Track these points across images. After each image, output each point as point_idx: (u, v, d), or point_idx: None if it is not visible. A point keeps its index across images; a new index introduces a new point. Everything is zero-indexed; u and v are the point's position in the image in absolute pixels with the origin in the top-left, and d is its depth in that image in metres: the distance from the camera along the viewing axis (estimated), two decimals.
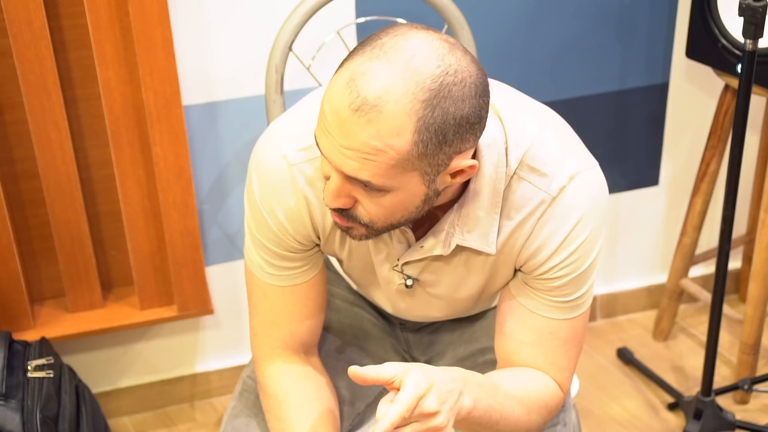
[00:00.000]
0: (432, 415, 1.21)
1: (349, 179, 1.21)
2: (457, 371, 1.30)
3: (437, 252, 1.37)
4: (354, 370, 1.20)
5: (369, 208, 1.24)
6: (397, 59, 1.15)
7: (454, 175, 1.25)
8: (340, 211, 1.26)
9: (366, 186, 1.21)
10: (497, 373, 1.43)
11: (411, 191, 1.22)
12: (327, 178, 1.26)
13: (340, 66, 1.19)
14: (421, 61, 1.15)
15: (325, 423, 1.45)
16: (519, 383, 1.41)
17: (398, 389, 1.21)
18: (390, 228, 1.29)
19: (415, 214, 1.27)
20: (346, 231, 1.30)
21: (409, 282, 1.45)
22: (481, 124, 1.21)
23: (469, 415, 1.28)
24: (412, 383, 1.20)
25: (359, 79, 1.15)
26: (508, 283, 1.44)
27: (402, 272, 1.44)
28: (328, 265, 1.68)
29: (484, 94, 1.20)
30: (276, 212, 1.38)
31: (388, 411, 1.19)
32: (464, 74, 1.17)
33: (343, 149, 1.18)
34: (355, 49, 1.20)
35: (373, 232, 1.29)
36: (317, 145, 1.23)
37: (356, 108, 1.15)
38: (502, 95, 1.37)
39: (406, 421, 1.20)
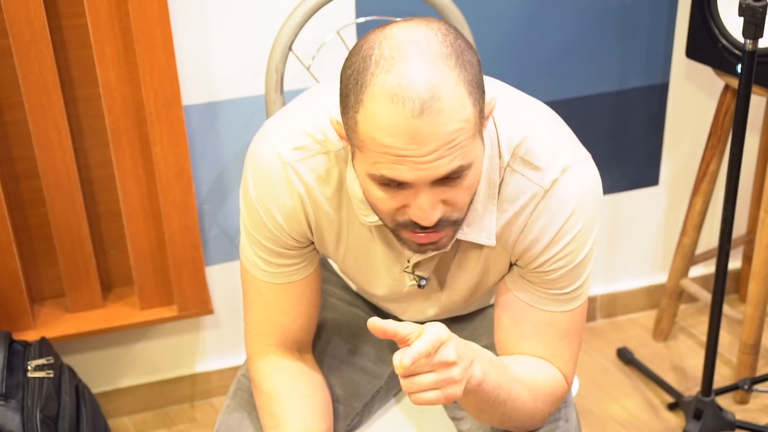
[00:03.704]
0: (450, 364, 1.20)
1: (434, 184, 1.21)
2: (469, 343, 1.29)
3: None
4: (375, 321, 1.18)
5: (456, 199, 1.24)
6: (409, 54, 1.16)
7: (485, 118, 1.26)
8: (436, 225, 1.24)
9: (450, 178, 1.21)
10: (504, 357, 1.43)
11: (480, 153, 1.24)
12: (396, 211, 1.24)
13: (359, 101, 1.17)
14: (424, 41, 1.18)
15: (319, 420, 1.46)
16: (526, 369, 1.41)
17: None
18: (467, 212, 1.28)
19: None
20: (435, 246, 1.29)
21: (423, 282, 1.45)
22: None
23: (479, 387, 1.28)
24: (434, 329, 1.19)
25: (401, 90, 1.15)
26: (503, 277, 1.45)
27: (413, 273, 1.44)
28: (324, 263, 1.68)
29: None
30: (272, 210, 1.38)
31: (408, 348, 1.17)
32: (450, 28, 1.21)
33: (428, 156, 1.17)
34: (357, 79, 1.18)
35: (459, 226, 1.29)
36: (391, 184, 1.21)
37: (420, 111, 1.15)
38: (494, 90, 1.38)
39: (425, 367, 1.19)
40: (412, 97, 1.15)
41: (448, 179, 1.21)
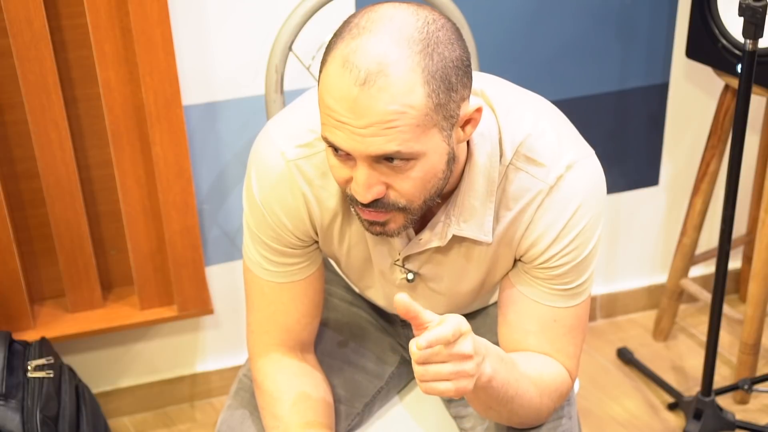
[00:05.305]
0: (466, 357, 1.20)
1: (376, 163, 1.21)
2: (481, 339, 1.29)
3: (434, 244, 1.38)
4: (402, 297, 1.17)
5: (402, 187, 1.23)
6: (378, 28, 1.18)
7: (464, 126, 1.26)
8: (375, 205, 1.25)
9: (394, 162, 1.20)
10: (512, 353, 1.43)
11: (436, 151, 1.22)
12: (347, 182, 1.25)
13: (324, 61, 1.21)
14: (400, 21, 1.18)
15: (320, 420, 1.46)
16: (532, 366, 1.41)
17: None
18: (425, 205, 1.28)
19: (442, 182, 1.27)
20: (382, 228, 1.29)
21: (410, 276, 1.45)
22: (470, 67, 1.24)
23: (488, 384, 1.28)
24: (455, 319, 1.19)
25: (353, 57, 1.16)
26: (507, 273, 1.45)
27: (403, 267, 1.44)
28: (326, 264, 1.68)
29: (462, 37, 1.24)
30: (274, 208, 1.39)
31: (426, 332, 1.17)
32: (441, 20, 1.21)
33: (364, 130, 1.17)
34: (331, 42, 1.21)
35: (411, 215, 1.28)
36: (330, 146, 1.23)
37: (363, 82, 1.16)
38: (496, 87, 1.38)
39: (440, 357, 1.19)
40: (359, 66, 1.16)
41: (390, 163, 1.21)
